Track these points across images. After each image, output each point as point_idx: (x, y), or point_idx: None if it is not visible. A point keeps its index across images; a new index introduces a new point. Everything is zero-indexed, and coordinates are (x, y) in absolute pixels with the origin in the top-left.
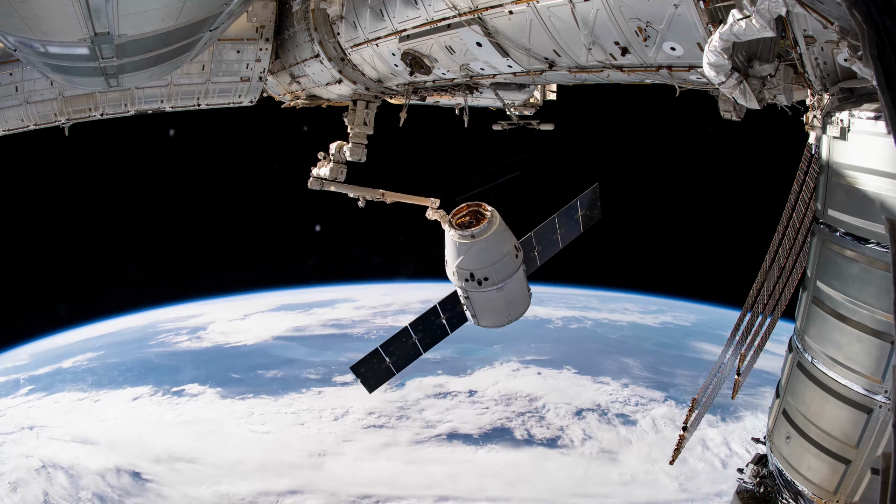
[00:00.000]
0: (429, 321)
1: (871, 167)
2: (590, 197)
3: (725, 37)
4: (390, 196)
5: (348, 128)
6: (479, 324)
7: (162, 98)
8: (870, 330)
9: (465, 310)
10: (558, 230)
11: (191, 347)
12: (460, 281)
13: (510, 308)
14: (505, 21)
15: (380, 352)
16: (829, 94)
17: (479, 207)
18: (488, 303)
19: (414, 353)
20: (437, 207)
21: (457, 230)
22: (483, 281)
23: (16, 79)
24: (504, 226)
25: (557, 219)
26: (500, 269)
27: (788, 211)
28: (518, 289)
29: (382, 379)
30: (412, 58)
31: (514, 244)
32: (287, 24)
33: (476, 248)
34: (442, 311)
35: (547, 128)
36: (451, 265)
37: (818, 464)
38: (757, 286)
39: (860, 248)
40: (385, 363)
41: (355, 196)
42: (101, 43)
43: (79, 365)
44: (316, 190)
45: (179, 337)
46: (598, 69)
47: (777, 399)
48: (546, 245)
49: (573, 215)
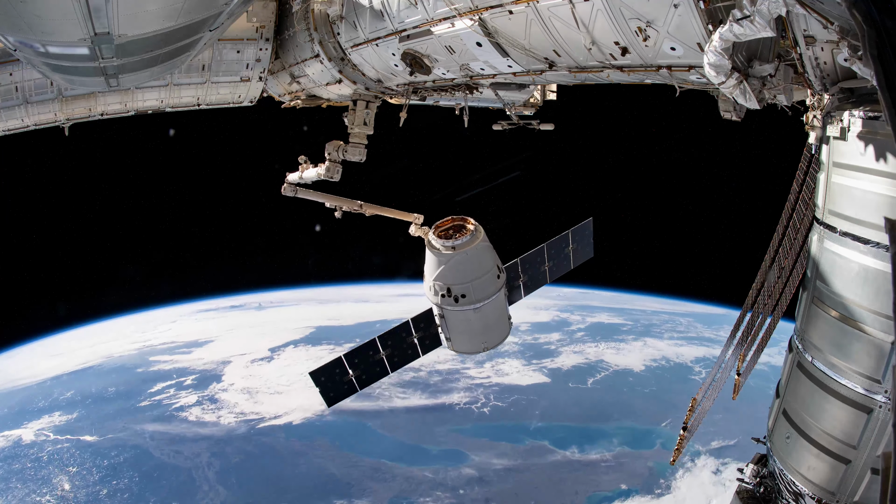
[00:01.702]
0: (399, 337)
1: (870, 167)
2: (582, 231)
3: (725, 37)
4: (370, 208)
5: (348, 128)
6: (453, 348)
7: (162, 98)
8: (869, 330)
9: (440, 331)
10: (547, 261)
11: (203, 423)
12: (436, 297)
13: (487, 333)
14: (505, 21)
15: (343, 362)
16: (829, 94)
17: (464, 221)
18: (464, 324)
19: (380, 371)
20: (422, 224)
21: (438, 239)
22: (460, 298)
23: (16, 79)
24: (488, 243)
25: (547, 249)
26: (479, 287)
27: (788, 211)
28: (497, 313)
29: (343, 394)
30: (412, 58)
31: (497, 264)
32: (287, 24)
33: (456, 260)
34: (414, 328)
35: (547, 128)
36: (429, 278)
37: (818, 464)
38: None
39: (860, 248)
40: (348, 376)
41: (332, 206)
42: (101, 43)
43: (41, 442)
44: (289, 196)
45: (182, 397)
46: (598, 69)
47: (777, 399)
48: (533, 276)
49: (564, 248)
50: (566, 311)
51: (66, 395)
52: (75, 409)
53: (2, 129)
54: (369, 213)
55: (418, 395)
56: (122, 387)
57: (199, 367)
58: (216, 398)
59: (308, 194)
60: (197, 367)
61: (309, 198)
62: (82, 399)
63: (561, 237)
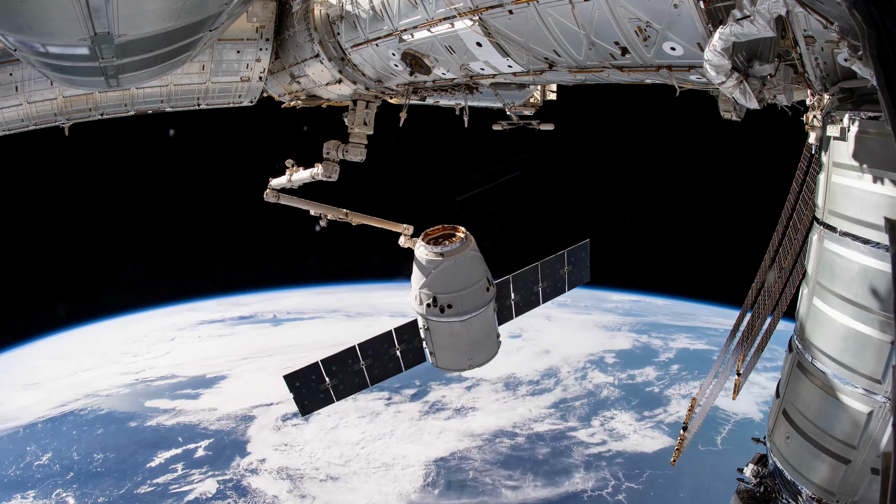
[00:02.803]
0: (380, 348)
1: (870, 167)
2: (579, 253)
3: (725, 37)
4: (356, 217)
5: (348, 128)
6: (436, 364)
7: (162, 98)
8: (870, 330)
9: (424, 344)
10: (540, 282)
11: None
12: (422, 306)
13: (473, 349)
14: (505, 21)
15: (320, 368)
16: (829, 94)
17: (455, 230)
18: (450, 337)
19: (359, 383)
20: (412, 234)
21: (426, 246)
22: (446, 308)
23: (16, 79)
24: (478, 252)
25: (541, 268)
26: (467, 297)
27: (788, 211)
28: (485, 329)
29: (319, 403)
30: (412, 58)
31: (488, 276)
32: (287, 24)
33: (443, 267)
34: (398, 339)
35: (547, 128)
36: (415, 286)
37: (818, 464)
38: (756, 286)
39: (860, 248)
40: (325, 384)
41: (316, 214)
42: (102, 43)
43: None
44: (271, 203)
45: (195, 481)
46: (598, 69)
47: (777, 399)
48: (525, 297)
49: (558, 269)
50: (638, 330)
51: (41, 462)
52: (50, 492)
53: (2, 129)
54: (356, 223)
55: (530, 479)
56: (111, 453)
57: (213, 424)
58: (243, 486)
59: (291, 201)
60: (210, 426)
61: (292, 204)
62: (61, 472)
63: (556, 257)
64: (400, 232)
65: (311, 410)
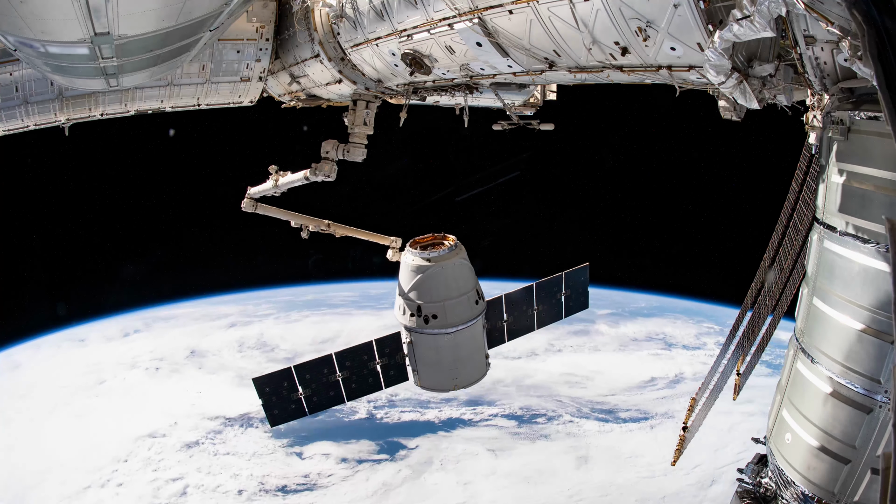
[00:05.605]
0: (359, 359)
1: (870, 167)
2: (577, 276)
3: (725, 37)
4: (339, 229)
5: (348, 128)
6: (419, 383)
7: (162, 98)
8: (870, 330)
9: (406, 360)
10: (535, 305)
11: None
12: (405, 316)
13: (458, 367)
14: (505, 21)
15: (292, 374)
16: (829, 94)
17: (445, 238)
18: (434, 352)
19: (334, 396)
20: (400, 247)
21: (413, 252)
22: (431, 319)
23: (16, 79)
24: (468, 262)
25: (536, 290)
26: (454, 309)
27: (788, 211)
28: (472, 345)
29: (290, 414)
30: (412, 58)
31: (478, 289)
32: (287, 24)
33: (430, 273)
34: (378, 352)
35: (547, 128)
36: (399, 294)
37: (818, 464)
38: (756, 285)
39: (860, 248)
40: (297, 393)
41: (297, 225)
42: (101, 43)
43: None
44: (249, 212)
45: None
46: (598, 69)
47: (777, 399)
48: (518, 319)
49: (555, 293)
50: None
51: None
52: None
53: (2, 129)
54: (339, 234)
55: None
56: None
57: None
58: None
59: (270, 211)
60: None
61: (270, 214)
62: None
63: (553, 279)
64: (387, 245)
65: (281, 422)
